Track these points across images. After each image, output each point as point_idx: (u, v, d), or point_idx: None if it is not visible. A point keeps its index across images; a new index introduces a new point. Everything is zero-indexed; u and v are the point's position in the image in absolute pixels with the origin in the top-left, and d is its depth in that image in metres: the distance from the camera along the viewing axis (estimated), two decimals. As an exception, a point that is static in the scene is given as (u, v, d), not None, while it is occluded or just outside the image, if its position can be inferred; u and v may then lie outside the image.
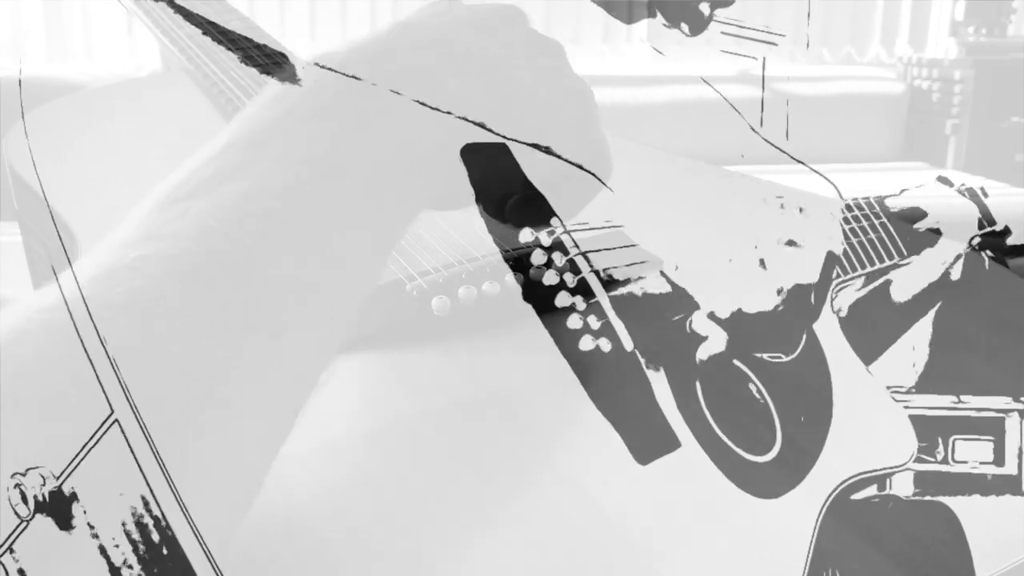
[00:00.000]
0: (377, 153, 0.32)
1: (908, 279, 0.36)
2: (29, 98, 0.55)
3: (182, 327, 0.26)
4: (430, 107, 0.33)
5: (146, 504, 0.24)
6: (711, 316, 0.33)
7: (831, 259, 0.34)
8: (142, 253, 0.27)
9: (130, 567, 0.23)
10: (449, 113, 0.33)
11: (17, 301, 0.27)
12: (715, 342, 0.33)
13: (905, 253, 0.37)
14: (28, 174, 0.58)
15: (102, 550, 0.23)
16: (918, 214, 0.37)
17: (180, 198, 0.29)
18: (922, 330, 0.36)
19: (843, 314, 0.35)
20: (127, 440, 0.24)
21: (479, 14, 0.37)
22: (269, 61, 0.53)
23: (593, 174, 0.38)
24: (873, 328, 0.35)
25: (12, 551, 0.22)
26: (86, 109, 0.69)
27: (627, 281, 0.40)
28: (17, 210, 0.61)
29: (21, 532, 0.23)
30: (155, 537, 0.24)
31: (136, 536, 0.23)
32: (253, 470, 0.28)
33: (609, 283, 0.39)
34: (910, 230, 0.38)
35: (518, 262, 0.43)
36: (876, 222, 0.38)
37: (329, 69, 0.33)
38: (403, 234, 0.34)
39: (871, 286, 0.36)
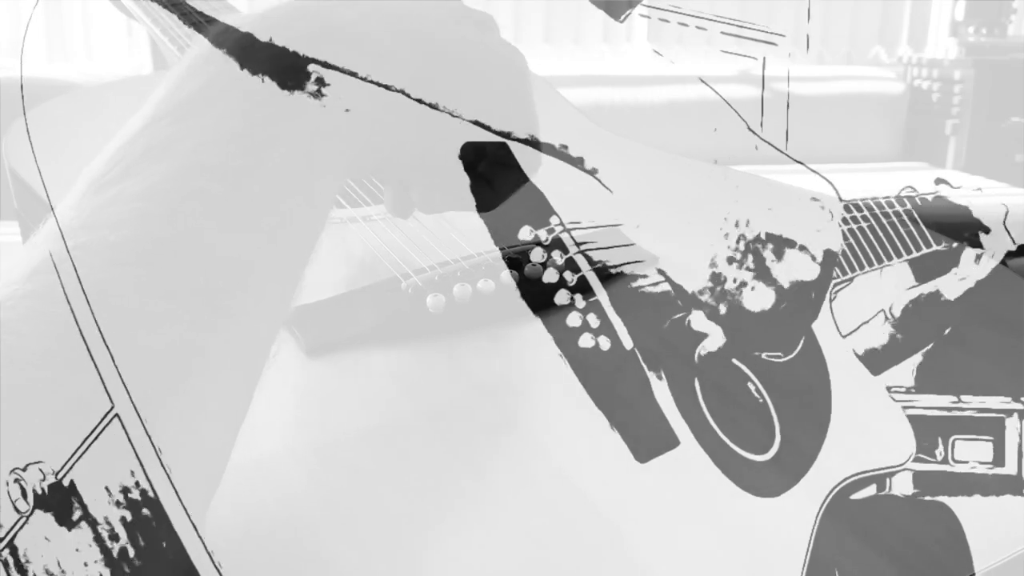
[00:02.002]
0: (306, 119, 0.31)
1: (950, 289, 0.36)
2: (30, 98, 0.55)
3: (128, 316, 0.26)
4: (354, 75, 0.32)
5: (144, 495, 0.24)
6: (710, 315, 0.33)
7: (830, 256, 0.34)
8: (79, 242, 0.27)
9: (130, 557, 0.23)
10: (381, 85, 0.33)
11: None
12: (714, 340, 0.33)
13: (912, 250, 0.37)
14: (28, 173, 0.58)
15: (100, 543, 0.23)
16: (961, 212, 0.37)
17: (112, 180, 0.29)
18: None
19: (895, 312, 0.35)
20: (126, 432, 0.24)
21: None
22: None
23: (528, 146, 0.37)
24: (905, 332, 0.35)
25: (13, 546, 0.22)
26: (85, 107, 0.69)
27: (624, 275, 0.40)
28: (17, 209, 0.61)
29: (21, 527, 0.23)
30: (154, 528, 0.23)
31: (135, 528, 0.23)
32: (215, 453, 0.28)
33: (607, 280, 0.39)
34: (910, 229, 0.38)
35: (514, 260, 0.43)
36: (875, 223, 0.38)
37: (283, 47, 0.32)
38: (334, 201, 0.34)
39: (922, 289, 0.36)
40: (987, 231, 0.36)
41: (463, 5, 0.39)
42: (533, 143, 0.37)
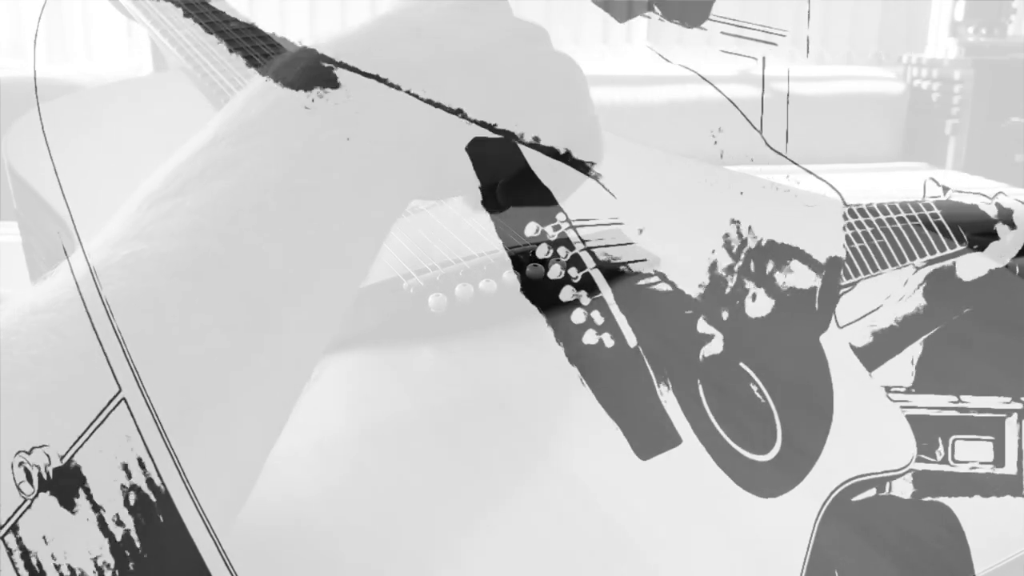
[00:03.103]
0: (365, 145, 0.32)
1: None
2: (30, 98, 0.55)
3: (174, 326, 0.26)
4: (416, 96, 0.33)
5: (150, 482, 0.24)
6: (711, 319, 0.33)
7: (834, 263, 0.34)
8: (133, 251, 0.27)
9: (133, 544, 0.23)
10: (437, 105, 0.33)
11: (12, 298, 0.27)
12: (715, 345, 0.33)
13: (916, 256, 0.37)
14: (28, 173, 0.58)
15: (104, 528, 0.23)
16: (980, 214, 0.37)
17: (169, 195, 0.29)
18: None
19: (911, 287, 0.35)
20: (133, 418, 0.24)
21: (461, 4, 0.37)
22: (258, 54, 0.53)
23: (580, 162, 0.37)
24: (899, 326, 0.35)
25: (16, 529, 0.22)
26: (86, 109, 0.69)
27: (628, 274, 0.40)
28: (16, 209, 0.61)
29: (25, 510, 0.23)
30: (159, 515, 0.24)
31: (140, 514, 0.23)
32: (248, 466, 0.29)
33: (613, 277, 0.39)
34: (914, 235, 0.38)
35: (516, 260, 0.43)
36: (879, 228, 0.38)
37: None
38: (393, 225, 0.34)
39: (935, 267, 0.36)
40: (1013, 226, 0.36)
41: (518, 21, 0.39)
42: (583, 166, 0.37)
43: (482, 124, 0.34)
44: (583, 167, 0.37)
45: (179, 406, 0.25)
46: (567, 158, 0.37)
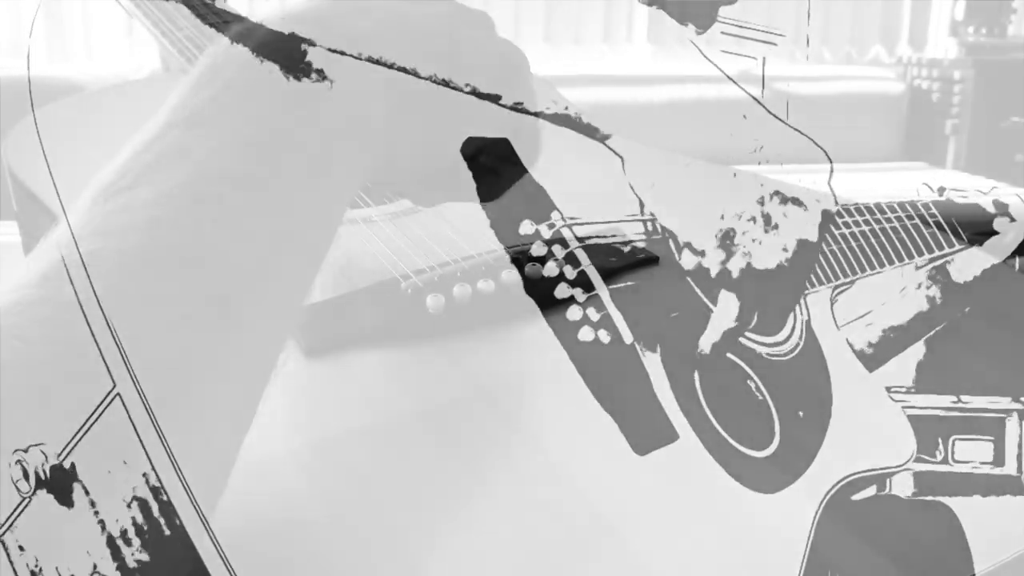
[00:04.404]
0: (319, 126, 0.31)
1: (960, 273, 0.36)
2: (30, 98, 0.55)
3: (139, 322, 0.26)
4: (371, 60, 0.33)
5: (146, 478, 0.24)
6: (720, 276, 0.33)
7: (827, 217, 0.34)
8: (90, 249, 0.27)
9: (129, 541, 0.23)
10: (391, 66, 0.33)
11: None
12: (727, 309, 0.33)
13: (914, 254, 0.37)
14: (27, 176, 0.58)
15: (102, 524, 0.23)
16: (983, 213, 0.37)
17: (124, 187, 0.28)
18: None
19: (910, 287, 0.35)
20: (128, 414, 0.24)
21: None
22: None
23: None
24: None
25: (13, 528, 0.22)
26: (85, 112, 0.69)
27: (625, 271, 0.40)
28: (17, 212, 0.61)
29: (23, 509, 0.23)
30: (155, 511, 0.24)
31: (136, 511, 0.23)
32: (221, 456, 0.28)
33: (610, 274, 0.39)
34: (912, 233, 0.38)
35: (514, 260, 0.43)
36: (878, 227, 0.38)
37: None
38: (346, 208, 0.34)
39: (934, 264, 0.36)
40: (1012, 219, 0.36)
41: (461, 7, 0.39)
42: (534, 113, 0.38)
43: (431, 79, 0.34)
44: (588, 128, 0.37)
45: (152, 403, 0.25)
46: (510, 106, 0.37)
